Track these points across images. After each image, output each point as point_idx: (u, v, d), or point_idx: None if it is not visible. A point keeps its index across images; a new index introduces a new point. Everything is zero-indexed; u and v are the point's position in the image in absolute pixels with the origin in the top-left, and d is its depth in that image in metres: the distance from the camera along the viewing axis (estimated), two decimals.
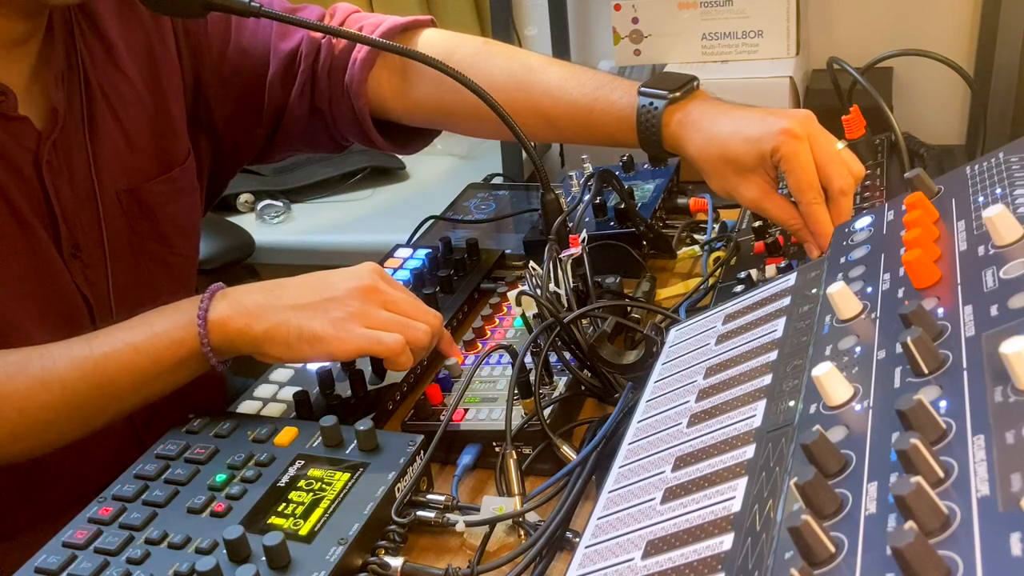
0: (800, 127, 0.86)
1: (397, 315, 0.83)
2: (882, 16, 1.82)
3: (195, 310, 0.80)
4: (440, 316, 0.88)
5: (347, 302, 0.81)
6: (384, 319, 0.82)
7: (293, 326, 0.80)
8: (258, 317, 0.80)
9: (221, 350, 0.81)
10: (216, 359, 0.82)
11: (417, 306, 0.85)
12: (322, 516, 0.71)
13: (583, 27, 2.05)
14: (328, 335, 0.80)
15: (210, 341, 0.80)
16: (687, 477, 0.57)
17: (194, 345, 0.80)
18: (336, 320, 0.80)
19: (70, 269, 0.93)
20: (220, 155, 1.12)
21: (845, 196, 0.86)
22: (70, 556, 0.69)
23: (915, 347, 0.49)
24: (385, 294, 0.84)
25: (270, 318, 0.80)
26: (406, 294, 0.86)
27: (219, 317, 0.80)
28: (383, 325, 0.81)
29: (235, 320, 0.80)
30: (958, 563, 0.37)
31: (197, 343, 0.80)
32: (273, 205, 1.95)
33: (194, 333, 0.80)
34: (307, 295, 0.82)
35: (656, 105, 0.93)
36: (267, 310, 0.81)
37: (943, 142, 1.68)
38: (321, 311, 0.81)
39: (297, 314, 0.81)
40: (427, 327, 0.84)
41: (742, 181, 0.89)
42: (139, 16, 0.99)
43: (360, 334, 0.80)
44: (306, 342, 0.80)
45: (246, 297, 0.82)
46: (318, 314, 0.80)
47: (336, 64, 1.06)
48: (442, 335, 0.89)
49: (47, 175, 0.90)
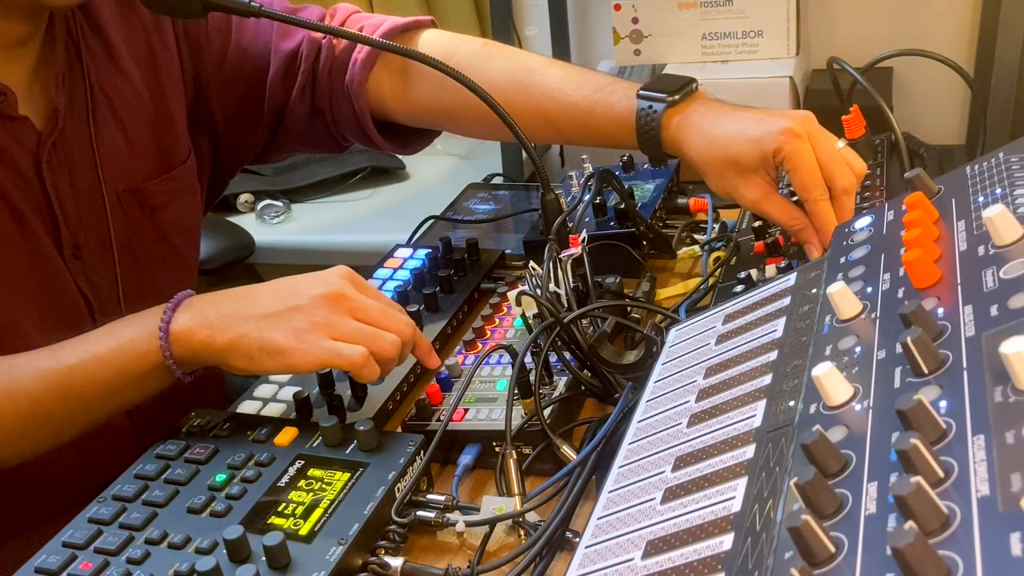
0: (801, 127, 0.86)
1: (364, 324, 0.79)
2: (882, 16, 1.82)
3: (158, 321, 0.78)
4: (412, 324, 0.83)
5: (312, 311, 0.78)
6: (349, 330, 0.78)
7: (255, 338, 0.77)
8: (221, 329, 0.78)
9: (185, 362, 0.79)
10: (180, 371, 0.80)
11: (387, 314, 0.81)
12: (322, 516, 0.71)
13: (583, 27, 2.05)
14: (290, 347, 0.77)
15: (172, 353, 0.78)
16: (687, 477, 0.57)
17: (157, 357, 0.78)
18: (298, 331, 0.77)
19: (71, 269, 0.93)
20: (220, 155, 1.12)
21: (848, 194, 0.86)
22: (70, 556, 0.69)
23: (915, 347, 0.49)
24: (353, 301, 0.80)
25: (232, 329, 0.78)
26: (378, 300, 0.83)
27: (181, 329, 0.78)
28: (348, 336, 0.78)
29: (198, 332, 0.78)
30: (958, 563, 0.37)
31: (160, 356, 0.78)
32: (273, 205, 1.95)
33: (156, 346, 0.78)
34: (272, 304, 0.79)
35: (655, 108, 0.93)
36: (230, 321, 0.78)
37: (943, 142, 1.68)
38: (285, 321, 0.78)
39: (260, 325, 0.78)
40: (395, 337, 0.80)
41: (743, 182, 0.89)
42: (139, 16, 0.99)
43: (321, 346, 0.77)
44: (267, 354, 0.77)
45: (210, 307, 0.80)
46: (281, 324, 0.77)
47: (337, 64, 1.06)
48: (417, 343, 0.85)
49: (47, 175, 0.90)
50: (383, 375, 0.80)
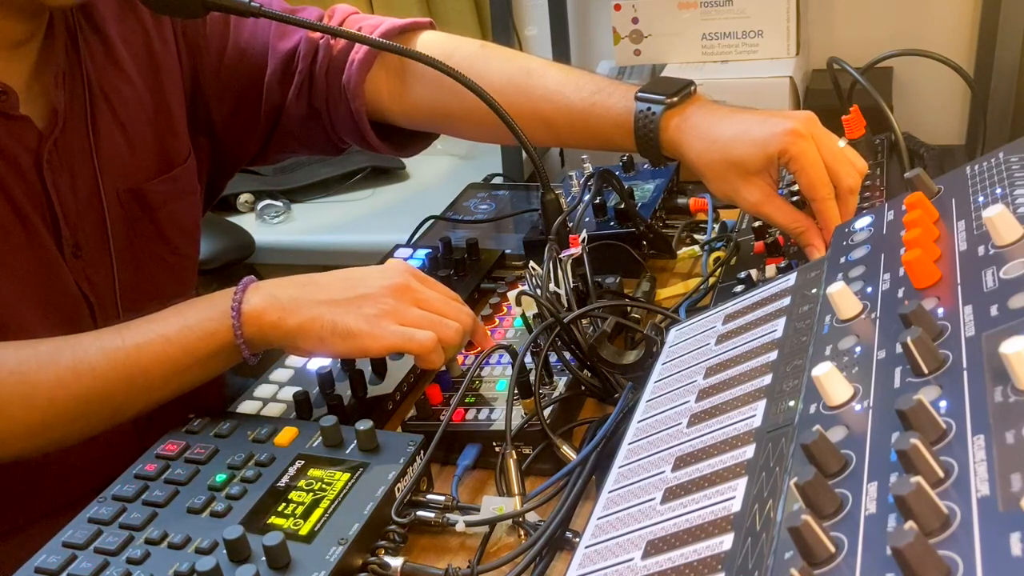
0: (804, 127, 0.86)
1: (430, 313, 0.83)
2: (882, 16, 1.82)
3: (229, 302, 0.81)
4: (472, 313, 0.87)
5: (381, 299, 0.82)
6: (417, 317, 0.82)
7: (327, 321, 0.80)
8: (292, 311, 0.81)
9: (254, 342, 0.81)
10: (248, 351, 0.82)
11: (449, 304, 0.85)
12: (322, 516, 0.71)
13: (583, 27, 2.04)
14: (362, 331, 0.80)
15: (243, 333, 0.80)
16: (687, 477, 0.57)
17: (227, 337, 0.80)
18: (369, 316, 0.80)
19: (71, 269, 0.93)
20: (219, 155, 1.12)
21: (853, 193, 0.87)
22: (70, 556, 0.69)
23: (915, 347, 0.49)
24: (418, 292, 0.84)
25: (304, 312, 0.81)
26: (439, 291, 0.86)
27: (253, 309, 0.81)
28: (416, 323, 0.81)
29: (269, 313, 0.81)
30: (958, 563, 0.37)
31: (230, 335, 0.80)
32: (273, 205, 1.95)
33: (228, 325, 0.80)
34: (341, 291, 0.83)
35: (654, 110, 0.93)
36: (301, 304, 0.81)
37: (943, 142, 1.68)
38: (355, 307, 0.81)
39: (331, 309, 0.81)
40: (459, 325, 0.84)
41: (745, 185, 0.89)
42: (139, 16, 0.99)
43: (393, 331, 0.80)
44: (339, 337, 0.80)
45: (280, 291, 0.82)
46: (352, 310, 0.81)
47: (334, 65, 1.06)
48: (477, 331, 0.88)
49: (48, 175, 0.90)
50: (445, 363, 0.84)
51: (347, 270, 0.86)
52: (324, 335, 0.80)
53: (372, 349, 0.81)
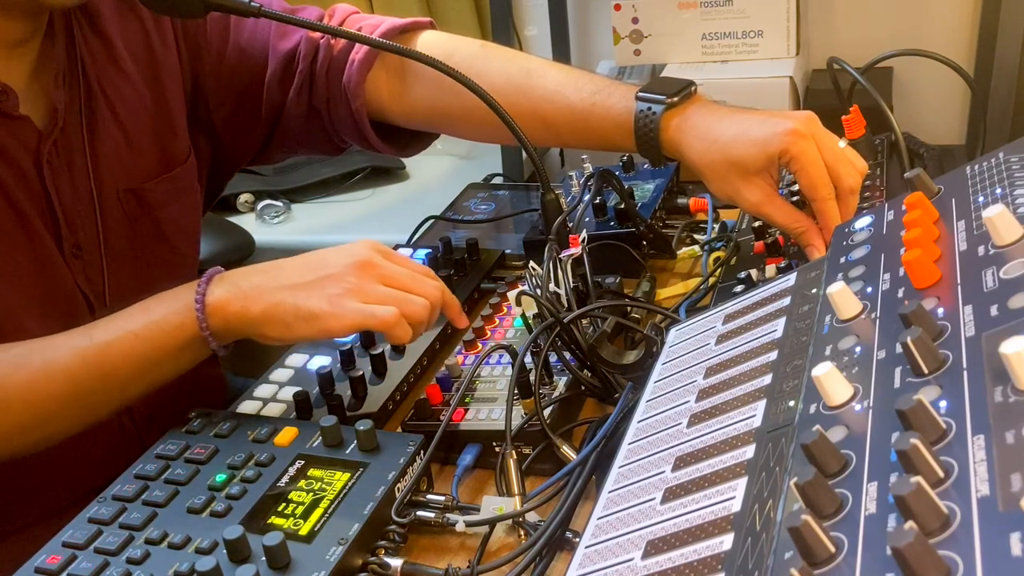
0: (805, 127, 0.86)
1: (395, 289, 0.83)
2: (882, 16, 1.82)
3: (193, 295, 0.81)
4: (441, 287, 0.86)
5: (343, 278, 0.82)
6: (381, 294, 0.81)
7: (289, 305, 0.80)
8: (255, 299, 0.81)
9: (220, 334, 0.81)
10: (216, 343, 0.82)
11: (416, 279, 0.85)
12: (322, 516, 0.71)
13: (583, 27, 2.05)
14: (324, 312, 0.80)
15: (209, 325, 0.80)
16: (687, 477, 0.57)
17: (193, 329, 0.80)
18: (332, 297, 0.80)
19: (71, 268, 0.93)
20: (219, 155, 1.12)
21: (854, 193, 0.87)
22: (70, 556, 0.69)
23: (915, 347, 0.49)
24: (382, 268, 0.83)
25: (267, 299, 0.81)
26: (406, 266, 0.86)
27: (217, 300, 0.81)
28: (379, 300, 0.81)
29: (233, 303, 0.80)
30: (958, 563, 0.37)
31: (196, 327, 0.80)
32: (273, 205, 1.95)
33: (192, 318, 0.80)
34: (304, 274, 0.82)
35: (654, 110, 0.93)
36: (264, 291, 0.81)
37: (943, 142, 1.68)
38: (317, 288, 0.81)
39: (293, 293, 0.81)
40: (425, 300, 0.83)
41: (745, 185, 0.89)
42: (139, 16, 0.99)
43: (355, 309, 0.80)
44: (303, 320, 0.80)
45: (243, 279, 0.82)
46: (314, 292, 0.81)
47: (334, 64, 1.06)
48: (448, 305, 0.88)
49: (48, 175, 0.90)
50: (414, 337, 0.83)
51: (311, 252, 0.86)
52: (288, 319, 0.80)
53: (335, 330, 0.81)
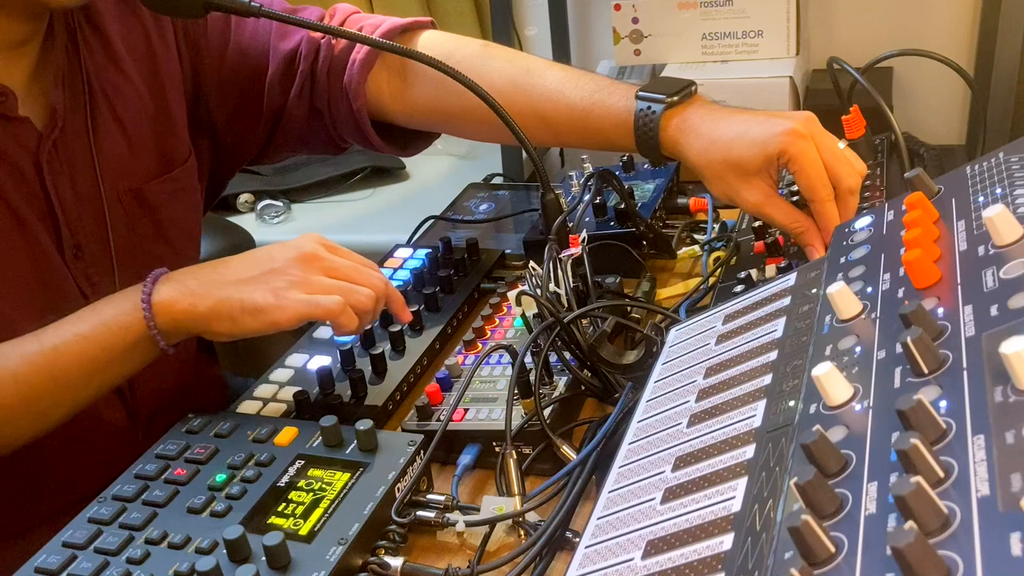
0: (804, 127, 0.86)
1: (339, 280, 0.84)
2: (882, 16, 1.81)
3: (139, 295, 0.82)
4: (385, 279, 0.88)
5: (288, 271, 0.83)
6: (325, 285, 0.83)
7: (235, 300, 0.81)
8: (201, 296, 0.82)
9: (169, 332, 0.82)
10: (165, 342, 0.82)
11: (360, 271, 0.86)
12: (322, 516, 0.71)
13: (583, 27, 2.04)
14: (270, 304, 0.81)
15: (157, 324, 0.81)
16: (687, 477, 0.57)
17: (141, 329, 0.81)
18: (277, 290, 0.82)
19: (71, 270, 0.93)
20: (220, 155, 1.12)
21: (853, 194, 0.87)
22: (70, 556, 0.69)
23: (915, 347, 0.49)
24: (326, 260, 0.85)
25: (213, 295, 0.82)
26: (350, 259, 0.87)
27: (163, 300, 0.81)
28: (324, 291, 0.82)
29: (179, 301, 0.81)
30: (958, 563, 0.37)
31: (144, 327, 0.81)
32: (273, 205, 1.95)
33: (140, 318, 0.81)
34: (249, 269, 0.84)
35: (654, 110, 0.93)
36: (210, 287, 0.82)
37: (943, 142, 1.68)
38: (263, 283, 0.82)
39: (239, 288, 0.82)
40: (370, 291, 0.85)
41: (745, 185, 0.89)
42: (140, 16, 0.99)
43: (300, 300, 0.81)
44: (249, 314, 0.81)
45: (189, 278, 0.83)
46: (259, 286, 0.82)
47: (335, 65, 1.06)
48: (392, 298, 0.89)
49: (48, 175, 0.90)
50: (360, 328, 0.84)
51: (257, 248, 0.88)
52: (235, 314, 0.81)
53: (281, 321, 0.81)
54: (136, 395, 0.99)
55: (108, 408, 0.97)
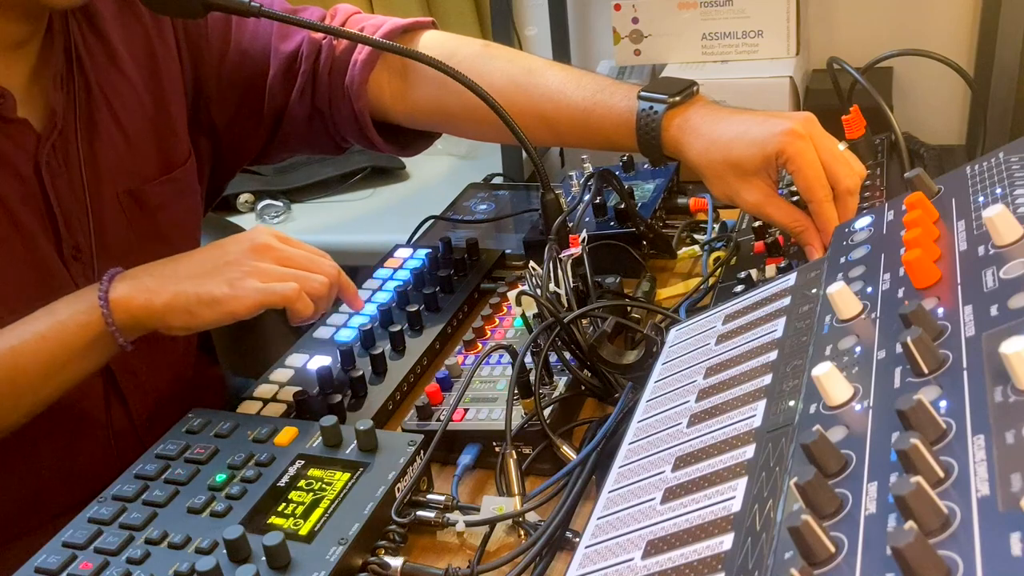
0: (803, 128, 0.86)
1: (292, 268, 0.85)
2: (882, 16, 1.82)
3: (96, 292, 0.82)
4: (337, 267, 0.89)
5: (242, 263, 0.84)
6: (279, 273, 0.84)
7: (191, 293, 0.82)
8: (157, 291, 0.82)
9: (127, 329, 0.82)
10: (123, 339, 0.82)
11: (312, 259, 0.88)
12: (322, 516, 0.71)
13: (583, 27, 2.04)
14: (226, 295, 0.82)
15: (114, 320, 0.81)
16: (687, 477, 0.57)
17: (99, 327, 0.81)
18: (232, 280, 0.82)
19: (71, 271, 0.93)
20: (220, 156, 1.12)
21: (852, 195, 0.86)
22: (70, 556, 0.69)
23: (915, 347, 0.49)
24: (279, 250, 0.86)
25: (169, 289, 0.82)
26: (302, 250, 0.88)
27: (120, 296, 0.82)
28: (279, 278, 0.83)
29: (136, 297, 0.82)
30: (958, 563, 0.37)
31: (102, 324, 0.81)
32: (273, 205, 1.95)
33: (98, 315, 0.81)
34: (204, 263, 0.85)
35: (656, 109, 0.93)
36: (166, 283, 0.83)
37: (943, 142, 1.68)
38: (217, 275, 0.83)
39: (194, 282, 0.83)
40: (323, 277, 0.86)
41: (744, 185, 0.89)
42: (140, 17, 0.99)
43: (256, 288, 0.82)
44: (206, 305, 0.82)
45: (144, 274, 0.84)
46: (214, 278, 0.83)
47: (337, 65, 1.06)
48: (344, 286, 0.90)
49: (47, 177, 0.90)
50: (316, 313, 0.85)
51: (212, 243, 0.88)
52: (191, 307, 0.82)
53: (239, 311, 0.82)
54: (136, 395, 0.99)
55: (108, 409, 0.97)
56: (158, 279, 0.83)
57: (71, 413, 0.93)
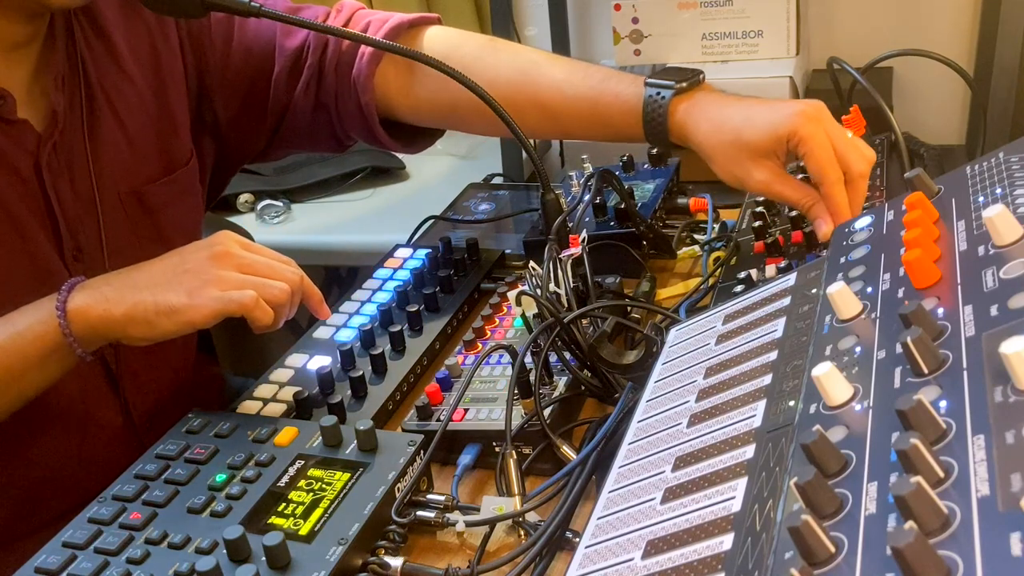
0: (814, 111, 0.87)
1: (253, 276, 0.84)
2: (882, 16, 1.81)
3: (54, 303, 0.81)
4: (300, 274, 0.88)
5: (201, 271, 0.83)
6: (238, 281, 0.83)
7: (150, 303, 0.81)
8: (116, 301, 0.81)
9: (85, 339, 0.82)
10: (81, 349, 0.82)
11: (274, 266, 0.86)
12: (322, 516, 0.71)
13: (583, 27, 2.04)
14: (184, 304, 0.81)
15: (72, 331, 0.81)
16: (687, 477, 0.57)
17: (56, 337, 0.81)
18: (191, 289, 0.81)
19: (71, 271, 0.93)
20: (223, 154, 1.12)
21: (864, 179, 0.87)
22: (70, 556, 0.69)
23: (915, 347, 0.49)
24: (239, 257, 0.85)
25: (128, 299, 0.81)
26: (264, 256, 0.87)
27: (78, 307, 0.81)
28: (238, 286, 0.82)
29: (94, 307, 0.81)
30: (958, 563, 0.37)
31: (60, 335, 0.80)
32: (273, 205, 1.95)
33: (55, 326, 0.80)
34: (163, 272, 0.84)
35: (663, 95, 0.94)
36: (125, 293, 0.82)
37: (943, 142, 1.68)
38: (177, 284, 0.82)
39: (153, 291, 0.82)
40: (283, 284, 0.84)
41: (754, 166, 0.90)
42: (142, 17, 0.99)
43: (214, 297, 0.81)
44: (164, 315, 0.81)
45: (103, 285, 0.83)
46: (174, 287, 0.82)
47: (344, 58, 1.06)
48: (308, 293, 0.89)
49: (48, 178, 0.90)
50: (277, 321, 0.84)
51: (172, 251, 0.87)
52: (150, 317, 0.81)
53: (197, 321, 0.81)
54: (136, 396, 0.99)
55: (108, 409, 0.97)
56: (117, 289, 0.82)
57: (71, 413, 0.93)
